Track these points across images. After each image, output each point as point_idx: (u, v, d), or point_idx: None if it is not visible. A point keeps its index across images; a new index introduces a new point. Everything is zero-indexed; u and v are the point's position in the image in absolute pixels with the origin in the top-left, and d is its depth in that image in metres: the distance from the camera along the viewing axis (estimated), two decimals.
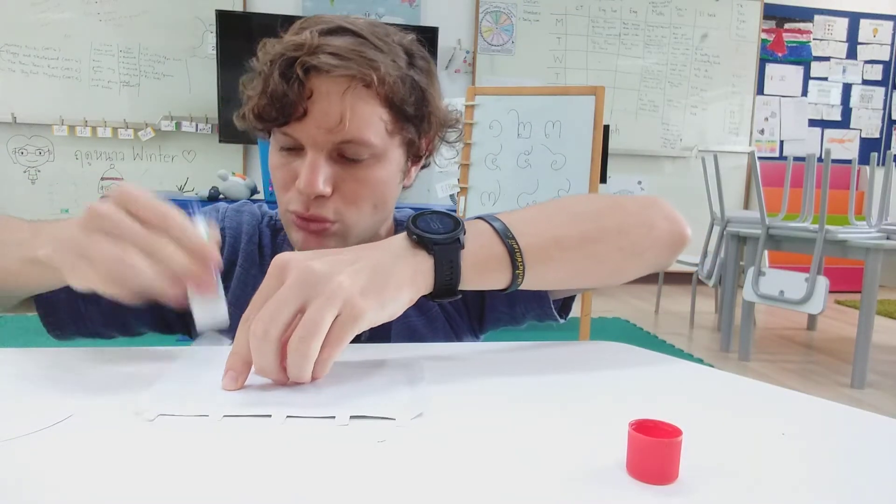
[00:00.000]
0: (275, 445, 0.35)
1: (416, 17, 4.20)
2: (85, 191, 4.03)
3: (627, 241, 0.58)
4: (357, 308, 0.43)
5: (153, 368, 0.48)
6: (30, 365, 0.49)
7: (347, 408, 0.40)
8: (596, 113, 2.42)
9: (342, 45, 0.60)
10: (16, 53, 3.87)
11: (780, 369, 2.66)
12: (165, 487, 0.30)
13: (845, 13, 4.89)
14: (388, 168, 0.66)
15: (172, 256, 0.44)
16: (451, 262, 0.49)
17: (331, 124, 0.60)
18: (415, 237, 0.49)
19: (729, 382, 0.51)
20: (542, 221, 0.56)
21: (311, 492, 0.30)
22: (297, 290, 0.43)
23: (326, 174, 0.62)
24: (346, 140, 0.61)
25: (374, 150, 0.63)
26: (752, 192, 4.75)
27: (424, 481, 0.31)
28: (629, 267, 0.60)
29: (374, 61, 0.61)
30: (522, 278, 0.53)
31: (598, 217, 0.58)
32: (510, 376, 0.50)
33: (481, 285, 0.52)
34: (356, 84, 0.60)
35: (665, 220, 0.61)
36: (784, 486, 0.32)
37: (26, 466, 0.31)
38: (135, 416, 0.38)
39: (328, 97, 0.60)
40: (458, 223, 0.51)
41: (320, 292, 0.43)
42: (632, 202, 0.61)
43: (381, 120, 0.63)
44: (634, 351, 0.59)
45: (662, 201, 0.63)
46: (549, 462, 0.34)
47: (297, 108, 0.60)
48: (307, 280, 0.43)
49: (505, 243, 0.52)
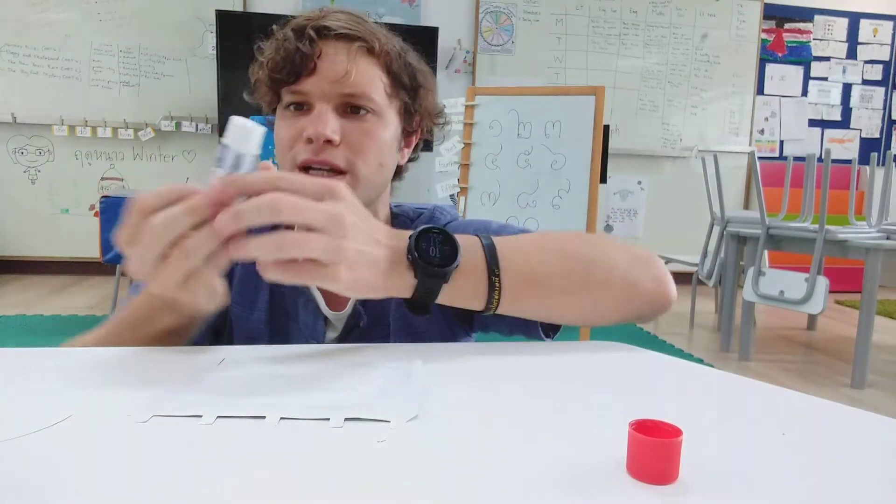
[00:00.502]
0: (269, 447, 0.35)
1: (416, 17, 4.20)
2: (85, 191, 4.04)
3: (609, 294, 0.60)
4: (339, 276, 0.47)
5: (152, 368, 0.48)
6: (30, 365, 0.49)
7: (342, 410, 0.40)
8: (596, 113, 2.42)
9: (348, 17, 0.69)
10: (16, 53, 3.87)
11: (780, 369, 2.66)
12: (163, 488, 0.30)
13: (845, 13, 4.89)
14: (388, 129, 0.71)
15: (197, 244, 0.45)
16: (431, 291, 0.53)
17: (337, 76, 0.66)
18: (409, 258, 0.52)
19: (729, 382, 0.51)
20: (533, 257, 0.59)
21: (303, 493, 0.30)
22: (321, 217, 0.45)
23: (334, 123, 0.66)
24: (351, 93, 0.67)
25: (375, 106, 0.68)
26: (752, 192, 4.75)
27: (420, 483, 0.31)
28: (605, 316, 0.61)
29: (375, 33, 0.69)
30: (496, 309, 0.57)
31: (587, 266, 0.60)
32: (509, 376, 0.50)
33: (454, 304, 0.56)
34: (361, 46, 0.68)
35: (652, 282, 0.62)
36: (784, 486, 0.32)
37: (26, 466, 0.31)
38: (126, 417, 0.38)
39: (336, 55, 0.67)
40: (455, 255, 0.53)
41: (333, 238, 0.46)
42: (624, 256, 0.62)
43: (381, 82, 0.69)
44: (634, 351, 0.59)
45: (655, 259, 0.64)
46: (548, 462, 0.34)
47: (308, 64, 0.66)
48: (337, 222, 0.46)
49: (489, 278, 0.55)
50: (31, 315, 3.04)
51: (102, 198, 2.92)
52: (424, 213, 0.81)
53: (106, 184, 4.05)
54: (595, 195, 2.44)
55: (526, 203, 2.55)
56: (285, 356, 0.53)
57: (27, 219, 4.02)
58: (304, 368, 0.50)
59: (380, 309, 0.72)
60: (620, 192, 4.62)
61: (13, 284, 3.76)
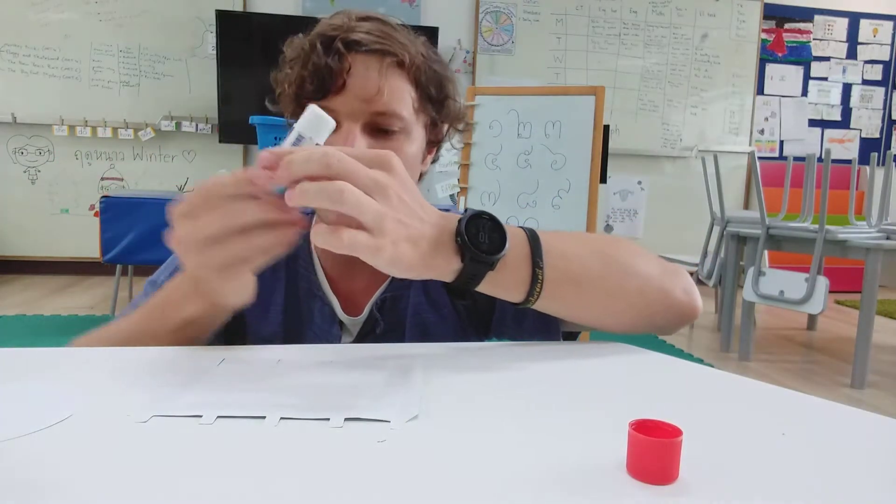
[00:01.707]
0: (269, 447, 0.35)
1: (416, 17, 4.20)
2: (85, 191, 4.04)
3: (643, 301, 0.60)
4: (384, 249, 0.45)
5: (153, 369, 0.48)
6: (30, 365, 0.49)
7: (342, 410, 0.40)
8: (596, 113, 2.42)
9: (376, 28, 0.66)
10: (16, 53, 3.87)
11: (780, 369, 2.66)
12: (163, 488, 0.30)
13: (845, 13, 4.89)
14: (415, 145, 0.69)
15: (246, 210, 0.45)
16: (475, 277, 0.52)
17: (369, 95, 0.64)
18: (458, 241, 0.51)
19: (729, 382, 0.51)
20: (575, 254, 0.58)
21: (303, 494, 0.30)
22: (368, 182, 0.45)
23: (362, 144, 0.64)
24: (381, 111, 0.64)
25: (404, 125, 0.66)
26: (752, 192, 4.75)
27: (420, 483, 0.31)
28: (635, 323, 0.61)
29: (406, 44, 0.67)
30: (534, 303, 0.56)
31: (624, 270, 0.60)
32: (509, 376, 0.50)
33: (492, 293, 0.55)
34: (391, 61, 0.65)
35: (683, 293, 0.63)
36: (784, 485, 0.32)
37: (26, 466, 0.31)
38: (126, 417, 0.38)
39: (366, 71, 0.64)
40: (503, 243, 0.52)
41: (385, 206, 0.45)
42: (657, 266, 0.62)
43: (410, 97, 0.67)
44: (634, 351, 0.59)
45: (683, 271, 0.65)
46: (548, 462, 0.34)
47: (336, 80, 0.63)
48: (381, 189, 0.45)
49: (532, 270, 0.54)
50: (31, 315, 3.04)
51: (102, 198, 2.91)
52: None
53: (106, 184, 4.04)
54: (595, 195, 2.44)
55: (526, 203, 2.55)
56: (285, 356, 0.53)
57: (27, 219, 4.02)
58: (304, 368, 0.49)
59: (396, 316, 0.72)
60: (620, 192, 4.62)
61: (13, 284, 3.76)
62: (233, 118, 3.75)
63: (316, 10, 4.04)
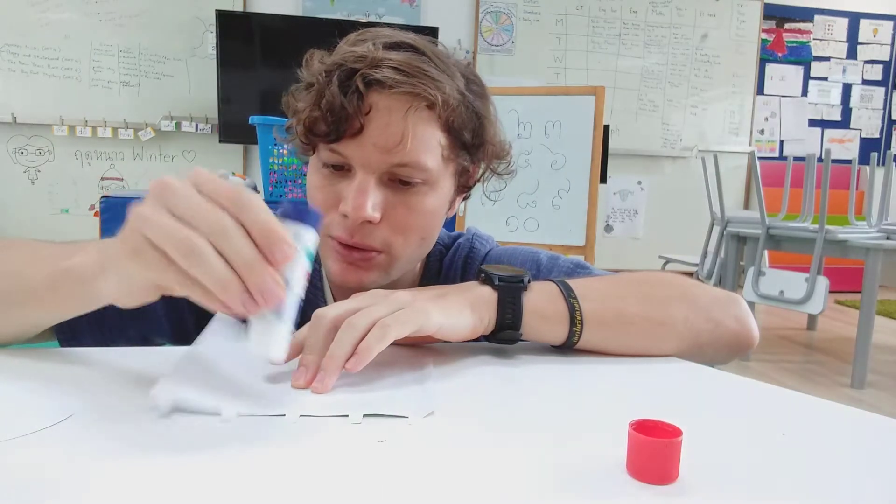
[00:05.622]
0: (287, 444, 0.35)
1: (416, 17, 4.20)
2: (85, 191, 4.03)
3: (690, 332, 0.57)
4: (421, 307, 0.46)
5: (153, 369, 0.48)
6: (30, 365, 0.49)
7: (360, 406, 0.40)
8: (596, 113, 2.42)
9: (405, 61, 0.56)
10: (16, 53, 3.87)
11: (780, 369, 2.66)
12: (163, 488, 0.30)
13: (845, 13, 4.89)
14: (439, 197, 0.62)
15: (241, 251, 0.35)
16: (514, 302, 0.51)
17: (389, 144, 0.56)
18: (482, 276, 0.51)
19: (729, 382, 0.51)
20: (608, 294, 0.57)
21: (322, 490, 0.30)
22: (368, 300, 0.46)
23: (376, 199, 0.57)
24: (402, 163, 0.57)
25: (428, 176, 0.59)
26: (752, 192, 4.75)
27: (428, 479, 0.31)
28: (683, 353, 0.58)
29: (439, 81, 0.56)
30: (579, 337, 0.54)
31: (666, 302, 0.57)
32: (510, 377, 0.50)
33: (540, 335, 0.54)
34: (419, 103, 0.56)
35: (735, 322, 0.60)
36: (784, 485, 0.32)
37: (26, 466, 0.31)
38: (150, 409, 0.38)
39: (389, 114, 0.55)
40: (524, 273, 0.53)
41: (387, 303, 0.46)
42: (706, 295, 0.60)
43: (440, 145, 0.59)
44: None
45: (739, 300, 0.61)
46: (549, 462, 0.34)
47: (353, 123, 0.55)
48: (373, 301, 0.47)
49: (567, 301, 0.53)
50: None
51: (102, 198, 2.90)
52: (461, 243, 0.74)
53: (106, 184, 4.04)
54: (595, 195, 2.44)
55: (526, 203, 2.55)
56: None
57: (27, 219, 4.01)
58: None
59: None
60: (620, 192, 4.62)
61: None
62: (233, 118, 3.74)
63: (316, 10, 4.04)
